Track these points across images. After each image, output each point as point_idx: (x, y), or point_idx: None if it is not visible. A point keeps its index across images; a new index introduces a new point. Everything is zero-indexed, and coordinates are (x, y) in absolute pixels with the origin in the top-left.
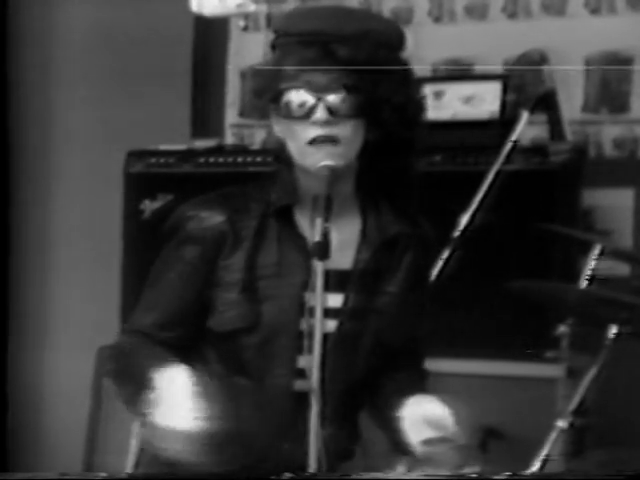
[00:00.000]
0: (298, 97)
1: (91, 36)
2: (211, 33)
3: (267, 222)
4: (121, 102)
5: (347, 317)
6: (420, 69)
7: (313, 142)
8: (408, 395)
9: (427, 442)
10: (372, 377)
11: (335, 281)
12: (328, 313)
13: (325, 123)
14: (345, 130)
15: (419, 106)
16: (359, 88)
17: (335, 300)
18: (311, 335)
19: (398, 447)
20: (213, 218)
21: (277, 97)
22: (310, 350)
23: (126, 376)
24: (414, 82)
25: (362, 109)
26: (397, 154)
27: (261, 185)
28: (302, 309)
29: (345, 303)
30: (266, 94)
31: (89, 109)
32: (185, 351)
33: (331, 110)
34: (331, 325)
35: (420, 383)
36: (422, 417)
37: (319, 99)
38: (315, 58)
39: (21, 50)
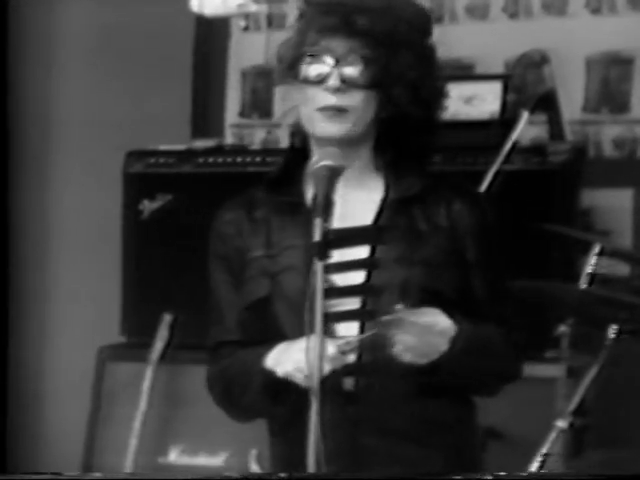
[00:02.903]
0: (316, 62)
1: (91, 36)
2: (211, 33)
3: (277, 201)
4: (121, 102)
5: (374, 267)
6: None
7: (322, 110)
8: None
9: (388, 324)
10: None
11: (359, 235)
12: (353, 266)
13: (337, 91)
14: (356, 100)
15: (437, 90)
16: (375, 59)
17: (361, 253)
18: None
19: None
20: (233, 210)
21: (297, 60)
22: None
23: (228, 392)
24: (434, 65)
25: (375, 81)
26: (414, 130)
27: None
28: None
29: (372, 254)
30: (288, 59)
31: (89, 109)
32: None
33: (344, 79)
34: (358, 278)
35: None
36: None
37: (335, 66)
38: (334, 26)
39: (21, 50)
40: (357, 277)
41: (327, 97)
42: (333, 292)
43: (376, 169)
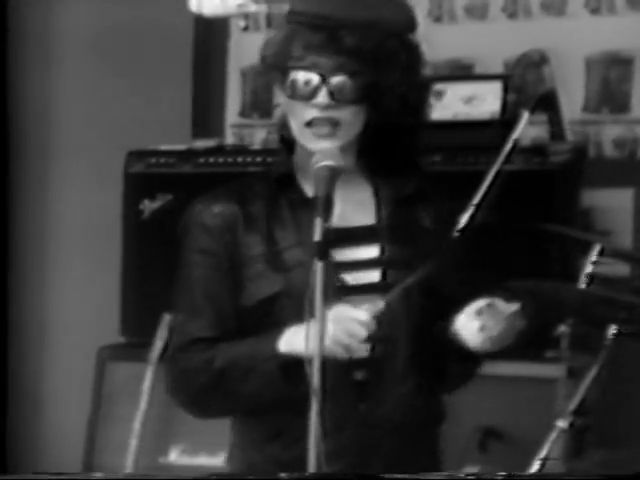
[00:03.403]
0: (303, 78)
1: (91, 36)
2: (211, 33)
3: (276, 198)
4: (121, 102)
5: (389, 266)
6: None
7: (310, 124)
8: None
9: (479, 312)
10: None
11: (364, 235)
12: (367, 264)
13: (325, 107)
14: (345, 114)
15: (423, 91)
16: (363, 74)
17: (370, 252)
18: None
19: (461, 360)
20: (222, 204)
21: (284, 73)
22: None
23: (211, 385)
24: (420, 67)
25: (365, 95)
26: (401, 135)
27: (265, 171)
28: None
29: (382, 253)
30: (274, 68)
31: (89, 109)
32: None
33: (333, 94)
34: (374, 276)
35: None
36: (469, 309)
37: (323, 82)
38: (321, 43)
39: (21, 49)
40: (369, 276)
41: (315, 112)
42: (350, 290)
43: (361, 172)
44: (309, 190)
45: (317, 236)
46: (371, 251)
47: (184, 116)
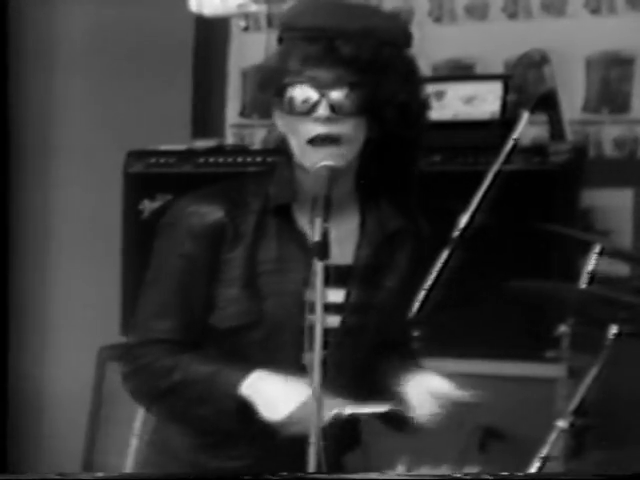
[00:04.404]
0: (302, 93)
1: (91, 36)
2: (211, 33)
3: (266, 217)
4: (121, 102)
5: (350, 312)
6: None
7: (313, 141)
8: (402, 373)
9: (434, 415)
10: (369, 367)
11: (336, 276)
12: (330, 308)
13: (327, 120)
14: (347, 128)
15: (423, 104)
16: (363, 85)
17: (337, 295)
18: (312, 333)
19: (396, 423)
20: (214, 213)
21: (281, 91)
22: (311, 348)
23: (167, 393)
24: (418, 80)
25: (365, 107)
26: (400, 152)
27: (258, 179)
28: (304, 306)
29: (347, 298)
30: (270, 88)
31: (89, 109)
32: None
33: (333, 107)
34: (334, 320)
35: (412, 362)
36: (428, 392)
37: (322, 95)
38: (318, 55)
39: (21, 50)
40: (330, 320)
41: (317, 127)
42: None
43: (354, 199)
44: (303, 220)
45: (317, 236)
46: (337, 295)
47: (184, 116)
